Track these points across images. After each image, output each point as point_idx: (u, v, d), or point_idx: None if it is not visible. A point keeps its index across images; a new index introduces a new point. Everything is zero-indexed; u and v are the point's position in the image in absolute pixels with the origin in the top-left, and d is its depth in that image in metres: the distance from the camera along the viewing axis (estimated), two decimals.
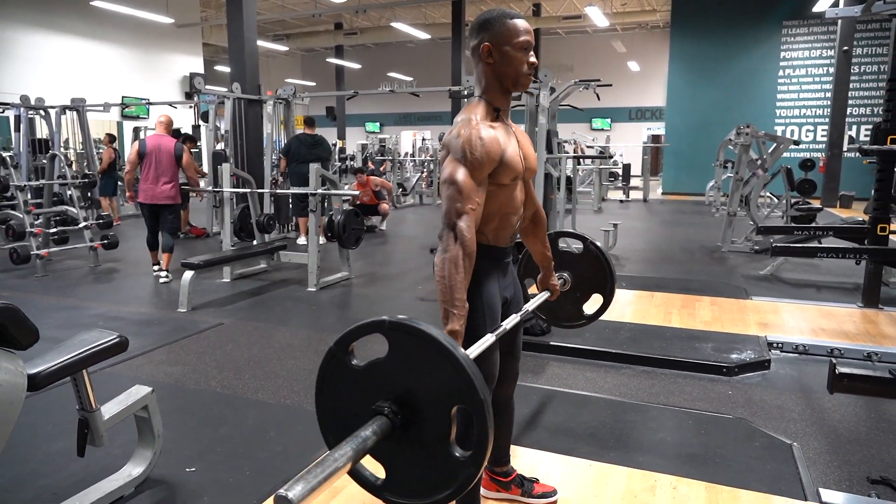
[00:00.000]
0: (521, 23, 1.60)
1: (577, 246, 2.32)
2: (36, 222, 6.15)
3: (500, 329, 1.60)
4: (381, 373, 1.21)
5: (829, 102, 13.43)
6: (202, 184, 8.07)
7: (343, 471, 1.06)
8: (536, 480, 2.10)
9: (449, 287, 1.47)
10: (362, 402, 1.21)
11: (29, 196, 6.19)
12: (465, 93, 7.11)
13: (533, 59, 1.61)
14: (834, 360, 1.99)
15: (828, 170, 12.96)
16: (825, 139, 13.52)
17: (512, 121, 1.74)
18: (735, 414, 2.86)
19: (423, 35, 18.18)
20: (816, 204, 8.86)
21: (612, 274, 2.27)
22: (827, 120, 13.57)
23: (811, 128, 14.68)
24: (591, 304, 2.34)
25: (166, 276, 5.74)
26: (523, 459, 2.35)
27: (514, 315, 1.72)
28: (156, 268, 5.92)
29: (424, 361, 1.16)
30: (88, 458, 2.30)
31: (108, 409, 2.12)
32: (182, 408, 3.01)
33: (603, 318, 4.22)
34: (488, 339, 1.51)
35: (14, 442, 2.51)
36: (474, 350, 1.45)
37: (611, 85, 6.95)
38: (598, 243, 2.31)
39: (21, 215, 6.02)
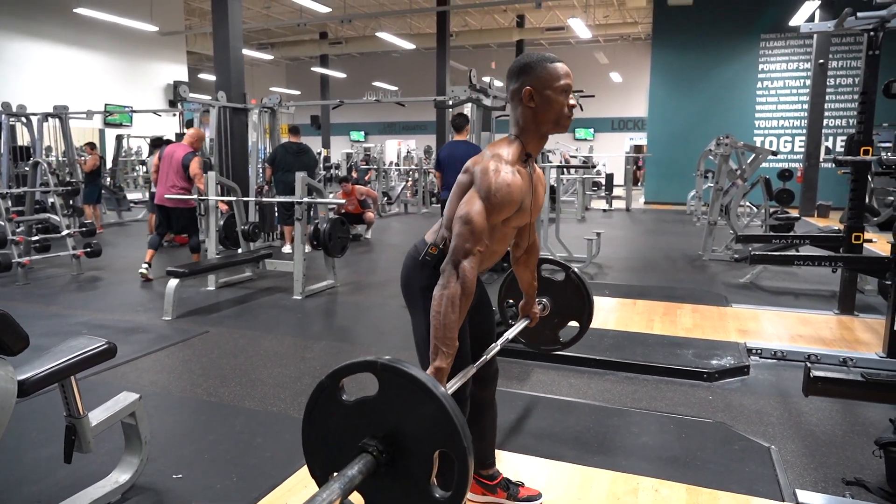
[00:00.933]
0: (561, 67, 1.63)
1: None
2: (18, 230, 6.10)
3: (482, 360, 1.71)
4: (370, 410, 1.25)
5: (806, 114, 13.73)
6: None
7: None
8: (522, 484, 2.14)
9: (443, 325, 1.51)
10: (350, 438, 1.25)
11: (10, 203, 6.13)
12: (450, 103, 7.18)
13: (573, 101, 1.65)
14: (809, 365, 2.06)
15: (805, 180, 13.22)
16: (803, 150, 13.82)
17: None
18: (715, 418, 2.92)
19: (407, 45, 18.28)
20: (795, 213, 9.05)
21: (590, 303, 2.36)
22: (804, 131, 13.86)
23: (789, 139, 14.97)
24: (568, 331, 2.43)
25: (145, 268, 6.04)
26: (509, 463, 2.39)
27: (494, 345, 1.83)
28: (143, 266, 6.03)
29: (413, 404, 1.20)
30: (75, 465, 2.31)
31: (96, 416, 2.13)
32: (168, 415, 3.01)
33: None
34: (469, 371, 1.60)
35: (1, 448, 2.50)
36: (456, 382, 1.55)
37: (593, 96, 7.08)
38: (578, 271, 2.38)
39: (2, 223, 5.96)
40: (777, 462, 2.45)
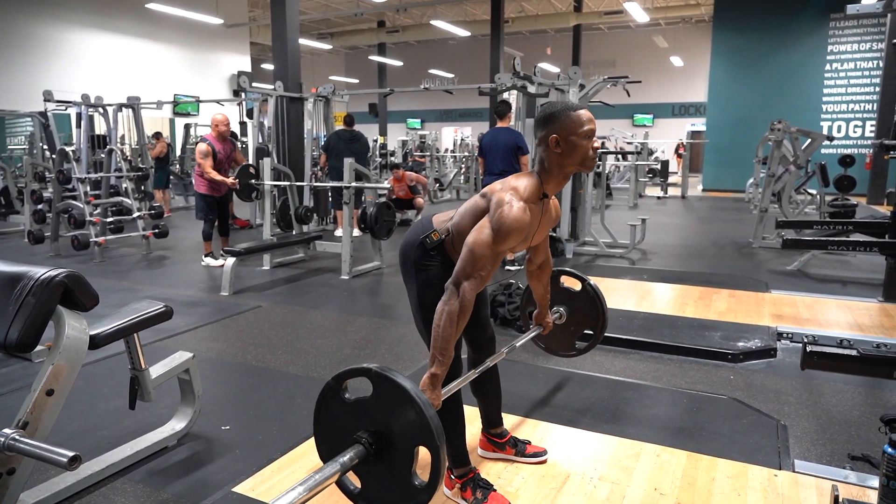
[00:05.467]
0: (584, 113, 1.76)
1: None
2: (95, 212, 6.65)
3: (483, 368, 2.03)
4: (365, 408, 1.52)
5: (878, 97, 13.09)
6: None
7: (325, 485, 1.40)
8: (529, 442, 2.32)
9: (441, 337, 1.70)
10: (349, 429, 1.53)
11: (88, 188, 6.66)
12: (499, 89, 7.31)
13: (597, 143, 1.80)
14: (806, 341, 2.15)
15: (875, 166, 12.65)
16: (874, 135, 13.20)
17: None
18: (732, 396, 3.01)
19: (462, 32, 18.38)
20: (862, 201, 8.71)
21: (604, 314, 2.54)
22: (876, 115, 13.23)
23: (859, 123, 14.31)
24: (584, 338, 2.67)
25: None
26: (520, 427, 2.57)
27: (500, 352, 2.12)
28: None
29: (399, 406, 1.46)
30: (139, 414, 2.65)
31: (155, 370, 2.43)
32: (221, 377, 3.34)
33: (617, 306, 4.43)
34: (463, 381, 1.89)
35: (77, 400, 2.88)
36: (454, 385, 1.83)
37: (640, 81, 7.04)
38: (594, 283, 2.55)
39: (82, 205, 6.51)
40: (783, 435, 2.54)
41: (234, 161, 6.30)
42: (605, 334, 3.76)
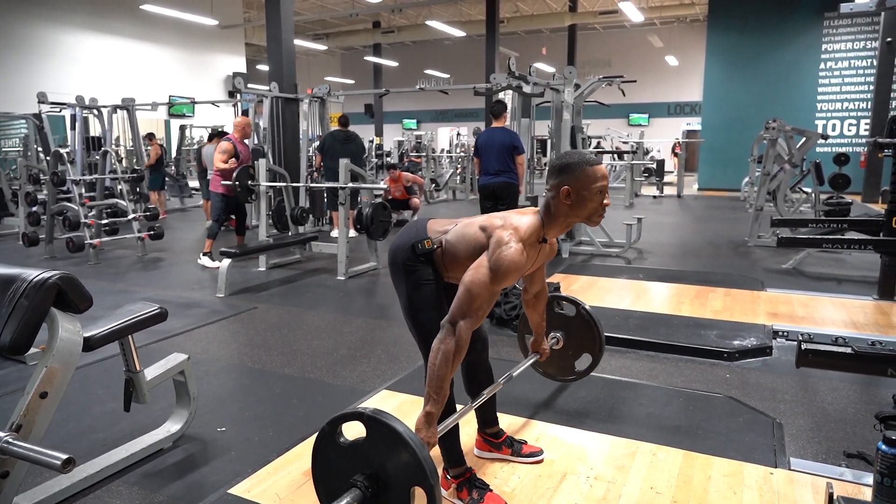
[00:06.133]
0: (599, 169, 1.76)
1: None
2: (90, 214, 6.62)
3: (481, 400, 2.06)
4: (360, 451, 1.53)
5: (872, 95, 13.13)
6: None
7: None
8: (525, 442, 2.32)
9: (437, 376, 1.69)
10: (345, 473, 1.54)
11: (83, 190, 6.63)
12: (494, 89, 7.31)
13: (607, 200, 1.79)
14: (801, 339, 2.15)
15: (869, 164, 12.69)
16: (868, 133, 13.23)
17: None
18: (728, 394, 3.01)
19: (458, 32, 18.39)
20: (857, 199, 8.72)
21: (600, 336, 2.55)
22: (870, 113, 13.27)
23: (854, 122, 14.36)
24: (582, 362, 2.68)
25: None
26: (516, 426, 2.57)
27: (496, 383, 2.13)
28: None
29: (392, 448, 1.47)
30: (134, 416, 2.64)
31: (150, 372, 2.42)
32: (216, 379, 3.32)
33: (613, 306, 4.45)
34: (459, 416, 1.90)
35: (72, 402, 2.87)
36: (450, 421, 1.84)
37: (635, 81, 7.05)
38: (589, 307, 2.56)
39: (76, 207, 6.48)
40: (778, 433, 2.54)
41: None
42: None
